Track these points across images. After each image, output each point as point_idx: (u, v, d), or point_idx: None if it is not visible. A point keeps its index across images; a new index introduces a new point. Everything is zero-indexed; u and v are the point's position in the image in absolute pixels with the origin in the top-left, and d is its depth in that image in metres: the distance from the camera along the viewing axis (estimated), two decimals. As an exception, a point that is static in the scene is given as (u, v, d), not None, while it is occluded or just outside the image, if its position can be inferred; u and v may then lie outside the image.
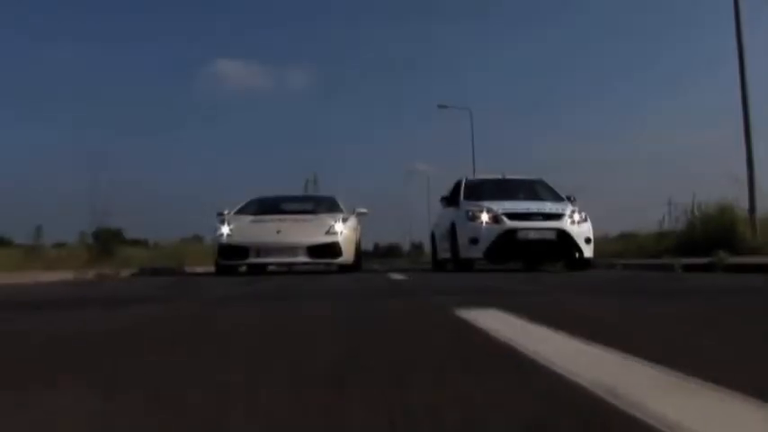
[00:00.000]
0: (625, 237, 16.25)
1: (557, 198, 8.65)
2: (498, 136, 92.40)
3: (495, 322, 1.60)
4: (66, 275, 7.11)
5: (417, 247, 46.23)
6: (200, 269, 11.49)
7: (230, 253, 7.69)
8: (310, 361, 1.14)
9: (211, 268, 9.53)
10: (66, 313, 2.48)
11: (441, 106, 26.66)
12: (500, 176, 9.41)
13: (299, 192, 14.77)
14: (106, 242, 12.09)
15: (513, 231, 7.60)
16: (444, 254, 8.95)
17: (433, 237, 10.31)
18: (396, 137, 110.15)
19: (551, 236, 7.64)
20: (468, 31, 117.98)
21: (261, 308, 2.57)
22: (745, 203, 10.33)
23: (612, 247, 14.44)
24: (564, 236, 7.64)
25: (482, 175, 10.25)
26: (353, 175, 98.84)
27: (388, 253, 56.07)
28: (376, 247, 63.19)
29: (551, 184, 9.11)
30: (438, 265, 9.55)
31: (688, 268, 6.69)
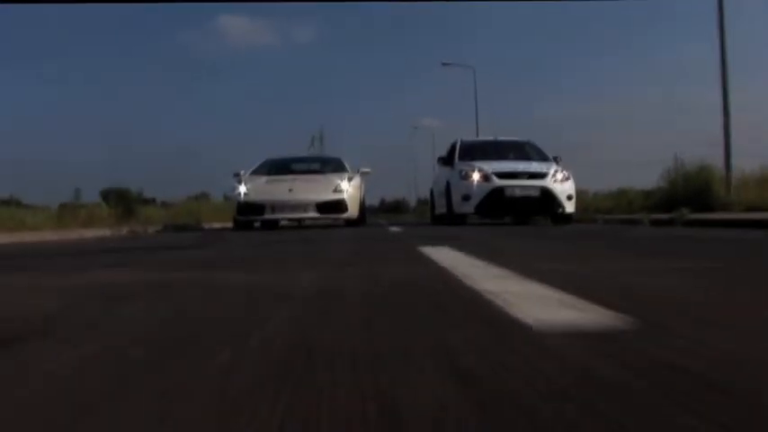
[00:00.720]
0: (620, 193, 17.21)
1: (543, 158, 9.57)
2: (503, 93, 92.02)
3: (436, 252, 2.64)
4: (103, 232, 8.23)
5: (423, 203, 47.25)
6: (217, 225, 12.64)
7: (247, 210, 8.77)
8: (331, 258, 2.19)
9: (227, 224, 10.68)
10: (178, 251, 3.55)
11: (444, 64, 27.09)
12: (492, 138, 10.35)
13: (305, 151, 15.76)
14: (128, 202, 13.24)
15: (501, 189, 8.58)
16: (441, 209, 9.97)
17: (431, 194, 11.33)
18: (402, 92, 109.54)
19: (536, 193, 8.62)
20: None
21: (293, 246, 3.62)
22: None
23: (606, 203, 15.41)
24: (547, 193, 8.61)
25: (477, 136, 11.15)
26: (360, 130, 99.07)
27: (394, 208, 57.13)
28: (382, 202, 64.18)
29: (539, 146, 10.05)
30: (436, 219, 10.59)
31: (655, 222, 7.69)
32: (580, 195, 18.83)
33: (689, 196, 11.02)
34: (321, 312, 1.20)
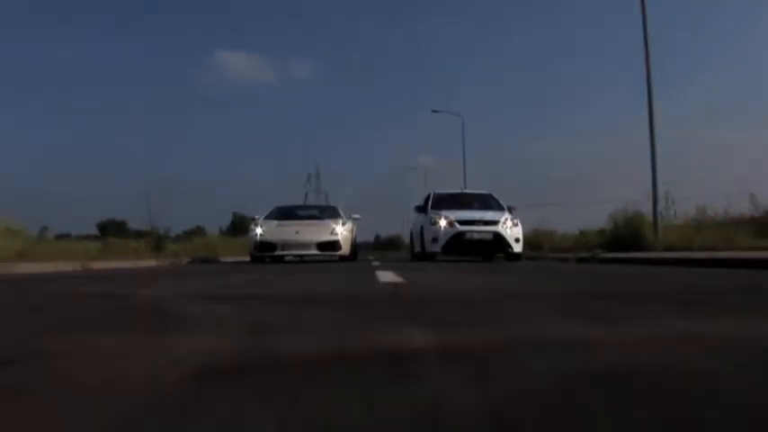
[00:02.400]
0: (581, 233, 19.82)
1: (500, 208, 12.17)
2: (496, 130, 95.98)
3: (380, 271, 5.16)
4: (152, 263, 10.73)
5: (416, 240, 49.55)
6: (230, 258, 15.15)
7: (263, 247, 11.31)
8: (321, 278, 4.71)
9: (239, 258, 13.23)
10: (232, 274, 6.05)
11: (434, 111, 30.06)
12: (459, 191, 12.99)
13: (302, 187, 18.27)
14: (158, 238, 15.79)
15: (462, 233, 11.15)
16: (417, 248, 12.51)
17: (411, 235, 13.91)
18: (399, 129, 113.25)
19: (489, 236, 11.18)
20: (470, 28, 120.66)
21: (302, 273, 6.12)
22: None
23: (568, 243, 17.99)
24: (499, 236, 11.17)
25: (447, 189, 13.75)
26: (356, 166, 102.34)
27: (388, 245, 59.52)
28: (377, 238, 66.67)
29: (497, 197, 12.67)
30: (414, 256, 13.11)
31: (580, 260, 10.21)
32: (547, 236, 21.66)
33: (627, 237, 13.68)
34: (320, 285, 3.70)
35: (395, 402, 0.82)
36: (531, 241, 19.44)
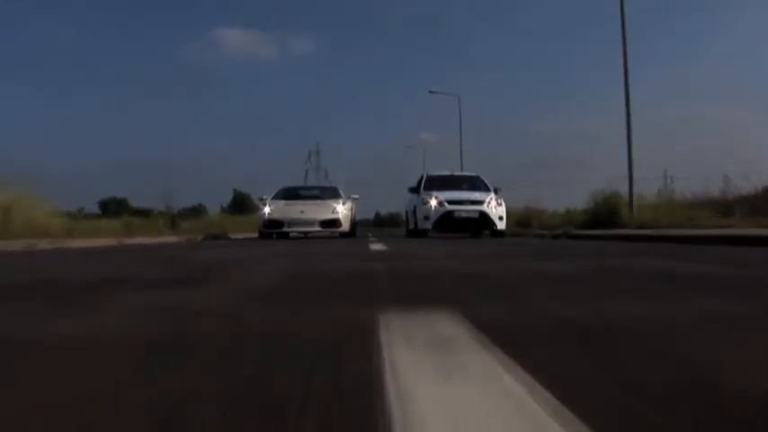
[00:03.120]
0: (567, 212, 21.26)
1: (486, 189, 13.55)
2: (496, 108, 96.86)
3: (373, 244, 6.58)
4: (171, 239, 12.17)
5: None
6: (239, 235, 16.63)
7: (270, 225, 12.73)
8: (326, 247, 6.14)
9: (247, 234, 14.72)
10: (249, 246, 7.47)
11: (432, 92, 31.25)
12: (450, 173, 14.38)
13: (302, 164, 19.64)
14: (173, 217, 17.24)
15: (451, 212, 12.55)
16: (411, 226, 13.94)
17: (406, 214, 15.33)
18: (399, 108, 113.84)
19: (475, 215, 12.58)
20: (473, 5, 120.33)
21: (308, 246, 7.54)
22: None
23: (556, 220, 19.42)
24: (484, 215, 12.58)
25: (438, 171, 15.13)
26: (356, 146, 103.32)
27: (388, 222, 60.80)
28: (377, 215, 68.01)
29: (484, 179, 14.05)
30: (408, 233, 14.54)
31: (554, 236, 11.63)
32: (537, 214, 23.12)
33: (605, 216, 15.09)
34: (327, 250, 5.12)
35: (366, 282, 2.23)
36: (522, 219, 20.93)
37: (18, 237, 7.97)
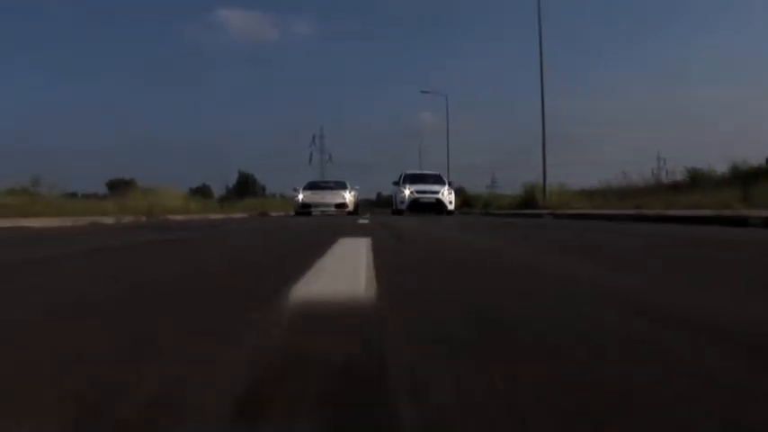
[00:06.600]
0: (504, 196, 28.09)
1: (443, 183, 20.36)
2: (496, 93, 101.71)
3: (360, 219, 13.37)
4: (241, 215, 19.02)
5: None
6: (275, 213, 23.48)
7: (303, 207, 19.73)
8: (336, 220, 12.94)
9: (281, 212, 21.75)
10: (299, 219, 14.24)
11: (423, 92, 37.66)
12: (419, 171, 21.21)
13: (306, 148, 26.47)
14: (222, 199, 24.14)
15: (418, 198, 19.39)
16: (394, 207, 20.81)
17: (392, 198, 22.20)
18: (401, 86, 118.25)
19: (433, 200, 19.44)
20: None
21: (328, 218, 14.29)
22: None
23: (504, 201, 26.21)
24: (439, 201, 19.42)
25: (413, 171, 21.88)
26: (358, 128, 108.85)
27: (387, 203, 66.48)
28: (378, 195, 73.69)
29: (442, 176, 20.83)
30: (393, 212, 21.38)
31: (483, 214, 18.46)
32: (496, 197, 30.51)
33: (529, 200, 21.87)
34: (337, 221, 11.88)
35: (343, 229, 8.99)
36: (485, 201, 27.72)
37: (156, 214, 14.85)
